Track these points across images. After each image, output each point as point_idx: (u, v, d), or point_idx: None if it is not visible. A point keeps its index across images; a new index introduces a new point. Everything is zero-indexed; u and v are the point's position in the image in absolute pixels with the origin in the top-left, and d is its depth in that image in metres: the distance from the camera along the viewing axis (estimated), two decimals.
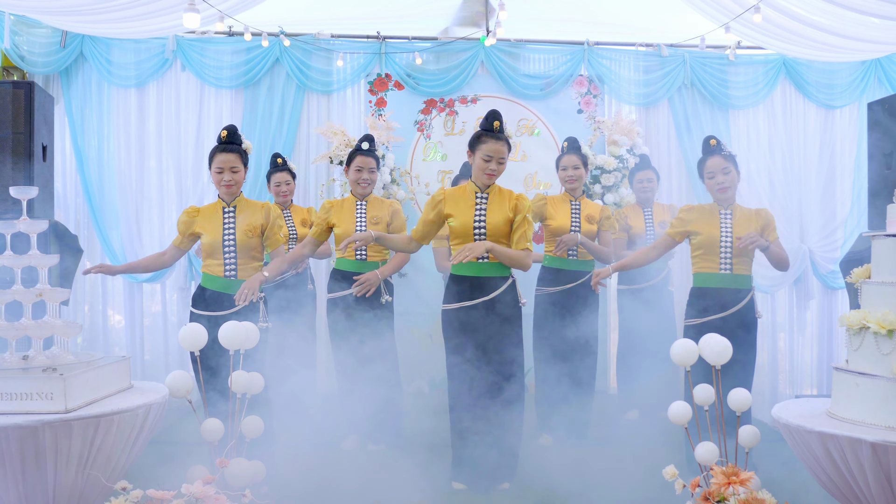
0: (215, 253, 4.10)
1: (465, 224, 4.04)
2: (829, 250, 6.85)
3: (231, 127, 4.16)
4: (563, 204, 5.18)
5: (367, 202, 4.97)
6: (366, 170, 4.94)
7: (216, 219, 4.13)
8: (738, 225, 4.22)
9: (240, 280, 4.10)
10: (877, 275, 3.11)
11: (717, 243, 4.19)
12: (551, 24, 6.72)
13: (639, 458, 4.61)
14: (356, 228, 4.83)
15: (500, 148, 3.99)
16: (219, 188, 4.16)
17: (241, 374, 3.39)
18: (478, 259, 4.00)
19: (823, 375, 6.95)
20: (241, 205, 4.18)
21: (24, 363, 3.06)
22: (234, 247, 4.08)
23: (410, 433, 5.24)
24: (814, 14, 5.49)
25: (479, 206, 4.07)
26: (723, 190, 4.24)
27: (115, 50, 6.51)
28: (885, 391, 2.84)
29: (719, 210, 4.28)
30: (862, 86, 6.87)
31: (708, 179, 4.29)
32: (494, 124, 4.00)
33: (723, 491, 2.96)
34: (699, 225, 4.25)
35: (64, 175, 6.57)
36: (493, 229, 4.02)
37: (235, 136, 4.15)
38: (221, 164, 4.08)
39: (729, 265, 4.18)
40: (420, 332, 6.71)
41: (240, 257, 4.10)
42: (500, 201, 4.08)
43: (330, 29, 6.75)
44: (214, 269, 4.12)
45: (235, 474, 3.21)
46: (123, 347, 6.64)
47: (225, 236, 4.09)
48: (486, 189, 4.09)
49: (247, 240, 4.10)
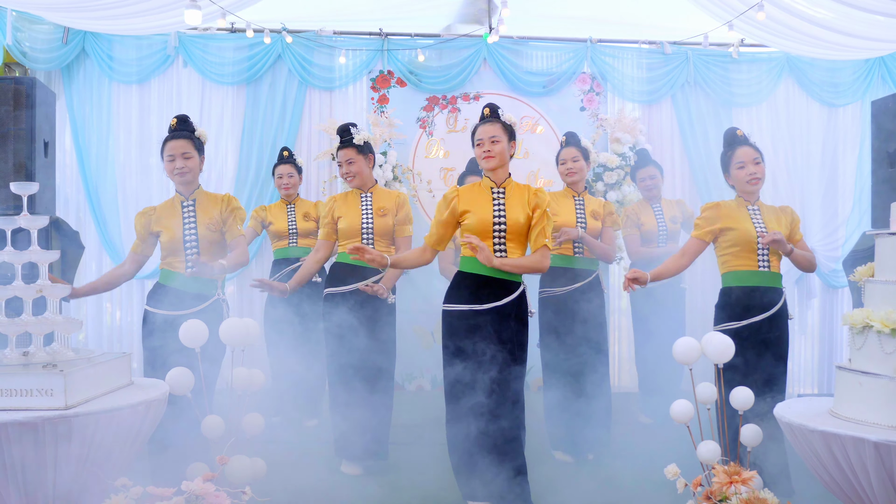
0: (176, 250, 3.87)
1: (483, 221, 3.68)
2: (831, 249, 6.84)
3: (181, 115, 3.96)
4: (565, 200, 4.93)
5: (373, 193, 4.63)
6: (344, 163, 4.60)
7: (175, 214, 3.89)
8: (769, 221, 3.97)
9: (202, 279, 3.85)
10: (880, 273, 3.09)
11: (753, 239, 3.88)
12: (554, 22, 6.71)
13: (646, 459, 4.60)
14: (362, 220, 4.54)
15: (487, 128, 3.74)
16: (172, 178, 3.91)
17: (242, 371, 3.38)
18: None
19: (825, 374, 6.94)
20: (200, 198, 3.95)
21: (24, 359, 3.05)
22: (195, 242, 3.85)
23: (412, 431, 5.23)
24: (817, 12, 5.48)
25: (497, 201, 3.74)
26: (755, 181, 3.95)
27: (116, 46, 6.51)
28: (889, 390, 2.82)
29: (746, 205, 4.00)
30: (865, 84, 6.85)
31: (737, 170, 3.97)
32: (484, 111, 3.82)
33: (725, 490, 2.95)
34: (730, 221, 3.94)
35: (65, 171, 6.56)
36: (513, 226, 3.69)
37: (186, 123, 3.93)
38: (172, 150, 3.84)
39: (766, 262, 3.89)
40: (422, 330, 6.71)
41: (202, 254, 3.85)
42: (518, 196, 3.76)
43: (332, 25, 6.75)
44: (174, 266, 3.90)
45: (235, 471, 3.20)
46: (124, 344, 6.64)
47: (186, 232, 3.85)
48: (501, 183, 3.79)
49: (209, 234, 3.87)
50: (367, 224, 4.54)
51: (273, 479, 4.26)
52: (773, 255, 3.93)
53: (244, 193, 6.54)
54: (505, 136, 3.75)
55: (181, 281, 3.85)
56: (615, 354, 6.95)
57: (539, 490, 4.13)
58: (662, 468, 3.34)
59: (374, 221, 4.54)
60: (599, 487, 4.10)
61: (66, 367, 2.93)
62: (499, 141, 3.73)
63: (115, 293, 6.67)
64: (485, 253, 3.60)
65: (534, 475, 4.28)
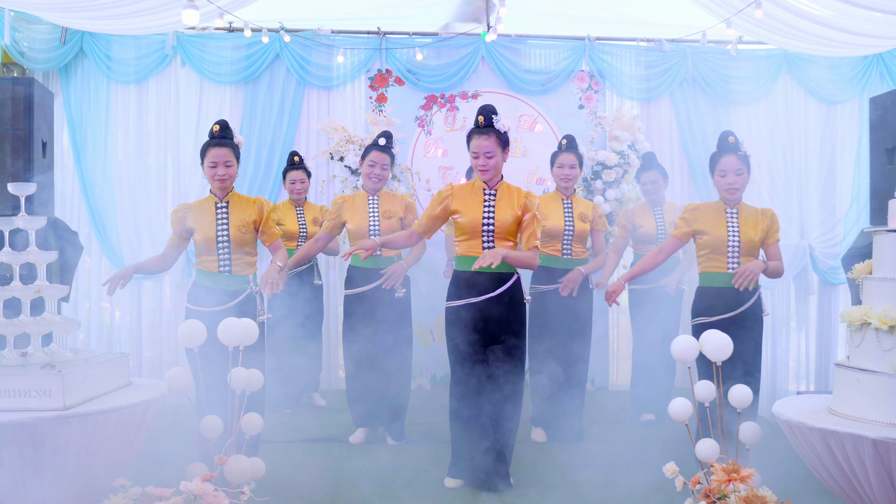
0: (209, 249, 4.07)
1: (473, 220, 4.00)
2: (829, 246, 6.84)
3: (223, 121, 4.14)
4: (554, 203, 5.11)
5: (380, 196, 4.98)
6: (378, 165, 4.93)
7: (209, 214, 4.10)
8: (745, 224, 4.14)
9: (234, 275, 4.08)
10: (878, 270, 3.09)
11: (724, 243, 4.11)
12: (552, 20, 6.71)
13: (644, 457, 4.60)
14: (368, 223, 4.88)
15: (482, 143, 3.96)
16: (212, 183, 4.12)
17: (241, 371, 3.38)
18: (490, 265, 3.92)
19: (822, 372, 6.93)
20: (233, 200, 4.16)
21: (22, 360, 3.06)
22: (227, 242, 4.05)
23: (412, 430, 5.24)
24: (815, 9, 5.47)
25: (487, 202, 4.04)
26: (732, 191, 4.16)
27: (114, 46, 6.50)
28: (887, 387, 2.83)
29: (725, 208, 4.20)
30: (863, 81, 6.84)
31: (719, 177, 4.19)
32: (479, 119, 4.00)
33: (723, 488, 2.96)
34: (705, 224, 4.18)
35: (63, 172, 6.55)
36: (501, 226, 3.99)
37: (228, 131, 4.11)
38: (215, 158, 4.05)
39: (736, 264, 4.10)
40: (422, 328, 6.71)
41: (234, 253, 4.07)
42: (508, 198, 4.05)
43: (330, 25, 6.74)
44: (208, 265, 4.09)
45: (234, 471, 3.21)
46: (125, 344, 6.64)
47: (219, 232, 4.05)
48: (494, 185, 4.07)
49: (240, 235, 4.07)
50: (373, 226, 4.88)
51: (272, 479, 4.27)
52: (745, 256, 4.13)
53: (242, 192, 6.51)
54: (499, 149, 4.00)
55: (215, 279, 4.06)
56: (613, 352, 6.96)
57: (538, 491, 4.14)
58: (661, 466, 3.34)
59: (380, 224, 4.88)
60: (597, 487, 4.10)
61: (64, 368, 2.93)
62: (493, 156, 3.99)
63: (115, 293, 6.66)
64: (495, 259, 3.83)
65: (530, 473, 4.30)
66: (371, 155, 4.96)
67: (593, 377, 6.80)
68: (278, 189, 6.61)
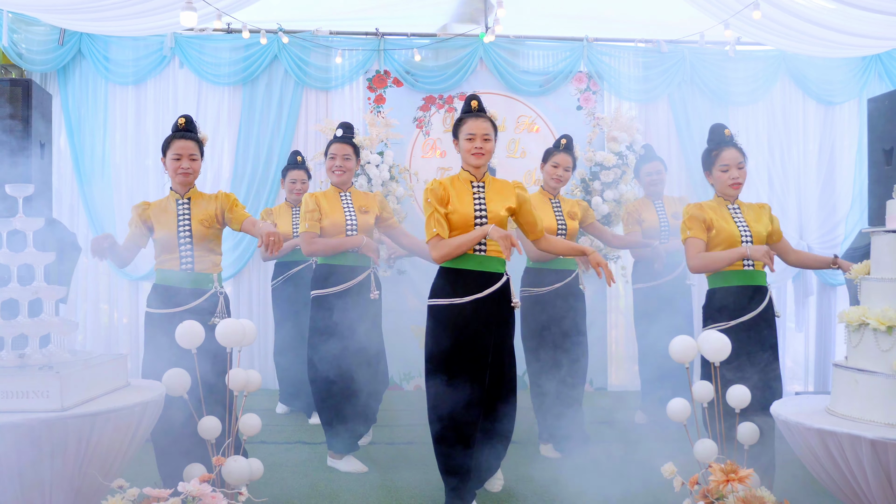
0: (170, 247, 3.91)
1: (465, 215, 3.68)
2: (830, 246, 6.84)
3: (187, 116, 4.02)
4: (544, 204, 4.98)
5: (351, 193, 4.75)
6: (339, 157, 4.69)
7: (169, 212, 3.95)
8: (749, 219, 3.95)
9: (197, 272, 3.91)
10: (876, 271, 3.09)
11: (737, 240, 3.85)
12: (550, 21, 6.71)
13: (643, 457, 4.61)
14: (346, 218, 4.61)
15: (481, 124, 3.75)
16: (175, 177, 3.96)
17: (238, 372, 3.38)
18: (475, 251, 3.69)
19: (822, 372, 6.94)
20: (195, 196, 4.01)
21: (20, 361, 3.05)
22: (189, 239, 3.91)
23: (411, 430, 5.23)
24: (813, 10, 5.48)
25: (477, 195, 3.77)
26: (737, 186, 3.94)
27: (113, 47, 6.51)
28: (885, 388, 2.82)
29: (727, 205, 3.99)
30: (862, 81, 6.86)
31: (720, 172, 3.95)
32: (472, 104, 3.81)
33: (721, 488, 2.95)
34: (715, 221, 3.91)
35: (62, 173, 6.56)
36: (494, 219, 3.72)
37: (193, 125, 4.01)
38: (180, 150, 3.91)
39: (751, 261, 3.84)
40: (418, 328, 6.71)
41: (196, 250, 3.92)
42: (496, 190, 3.82)
43: (328, 26, 6.74)
44: (170, 264, 3.93)
45: (232, 473, 3.20)
46: (123, 345, 6.64)
47: (180, 228, 3.91)
48: (481, 178, 3.81)
49: (203, 230, 3.93)
50: (351, 222, 4.63)
51: (270, 480, 4.27)
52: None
53: (240, 194, 6.54)
54: (494, 133, 3.81)
55: (177, 278, 3.89)
56: (612, 354, 6.96)
57: (535, 489, 4.14)
58: (659, 466, 3.34)
59: (357, 219, 4.64)
60: (597, 487, 4.09)
61: (61, 369, 2.93)
62: (490, 139, 3.78)
63: (113, 294, 6.69)
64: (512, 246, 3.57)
65: (528, 473, 4.30)
66: (330, 148, 4.74)
67: (592, 378, 6.81)
68: (276, 190, 6.62)
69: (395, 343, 6.47)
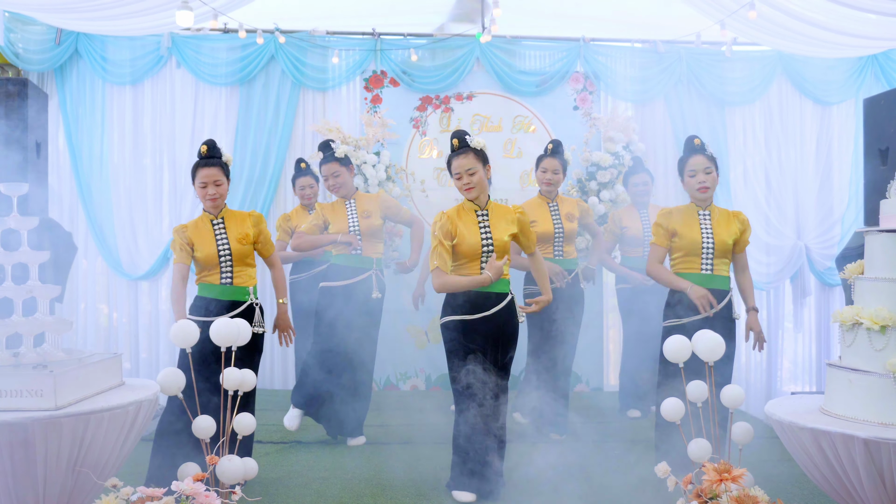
0: (211, 265, 4.11)
1: (472, 245, 3.94)
2: (827, 247, 6.85)
3: (210, 141, 4.16)
4: (541, 208, 5.23)
5: (356, 199, 5.15)
6: (329, 177, 5.07)
7: (207, 232, 4.14)
8: (718, 226, 4.19)
9: (235, 286, 4.12)
10: (870, 270, 3.10)
11: (698, 245, 4.15)
12: (547, 21, 6.71)
13: (636, 456, 4.61)
14: (349, 225, 5.05)
15: (462, 162, 3.95)
16: (204, 202, 4.16)
17: (233, 371, 3.39)
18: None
19: (822, 373, 6.94)
20: (228, 215, 4.21)
21: (14, 360, 3.05)
22: (229, 256, 4.11)
23: (411, 430, 5.24)
24: (810, 10, 5.48)
25: (482, 223, 4.02)
26: (703, 189, 4.18)
27: (110, 47, 6.50)
28: (878, 387, 2.83)
29: (697, 210, 4.24)
30: (858, 82, 6.86)
31: (689, 178, 4.23)
32: (453, 143, 4.00)
33: (715, 488, 2.95)
34: (679, 227, 4.20)
35: (59, 172, 6.55)
36: (499, 246, 3.98)
37: (215, 150, 4.15)
38: (205, 178, 4.09)
39: (710, 266, 4.15)
40: (416, 329, 6.71)
41: (236, 266, 4.14)
42: (500, 216, 4.05)
43: (325, 26, 6.74)
44: (210, 279, 4.13)
45: (226, 472, 3.20)
46: (121, 345, 6.64)
47: (220, 248, 4.11)
48: (484, 206, 4.04)
49: (240, 248, 4.14)
50: (353, 227, 5.05)
51: (265, 479, 4.27)
52: (718, 258, 4.17)
53: (237, 194, 6.54)
54: (479, 164, 4.00)
55: (217, 291, 4.11)
56: (607, 353, 6.96)
57: (531, 491, 4.13)
58: (652, 467, 3.34)
59: (360, 224, 5.06)
60: (590, 488, 4.10)
61: (55, 368, 2.93)
62: (475, 172, 3.98)
63: (112, 294, 6.68)
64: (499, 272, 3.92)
65: (521, 473, 4.31)
66: (321, 170, 5.13)
67: (588, 378, 6.82)
68: (274, 190, 6.64)
69: (392, 343, 6.49)
